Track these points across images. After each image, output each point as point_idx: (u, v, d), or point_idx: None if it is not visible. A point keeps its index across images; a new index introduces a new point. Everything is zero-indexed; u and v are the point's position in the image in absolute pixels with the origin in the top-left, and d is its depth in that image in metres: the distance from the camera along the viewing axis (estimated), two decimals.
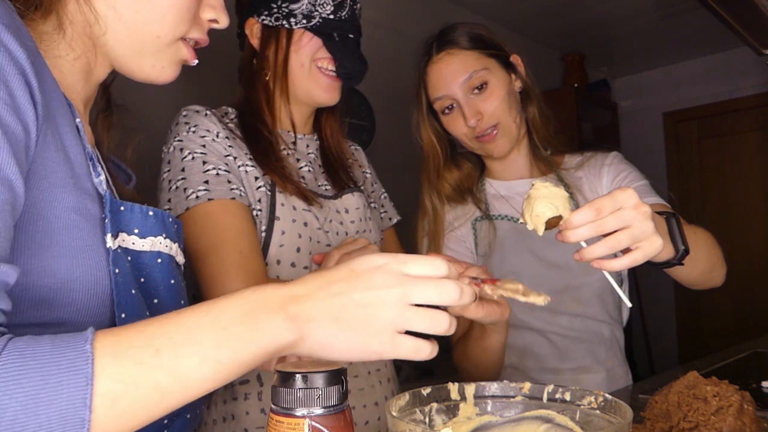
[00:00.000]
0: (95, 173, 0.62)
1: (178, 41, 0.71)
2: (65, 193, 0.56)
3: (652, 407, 0.81)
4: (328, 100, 1.15)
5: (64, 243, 0.55)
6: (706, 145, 4.21)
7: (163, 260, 0.68)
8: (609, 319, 1.35)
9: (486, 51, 1.30)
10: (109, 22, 0.66)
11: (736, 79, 3.97)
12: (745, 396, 0.76)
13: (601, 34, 3.72)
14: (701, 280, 1.13)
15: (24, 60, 0.53)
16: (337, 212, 1.14)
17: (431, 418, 0.70)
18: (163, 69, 0.72)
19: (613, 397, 0.66)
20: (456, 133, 1.32)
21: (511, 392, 0.73)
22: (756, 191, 3.92)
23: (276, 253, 1.05)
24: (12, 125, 0.50)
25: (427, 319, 0.54)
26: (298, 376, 0.50)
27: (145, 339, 0.48)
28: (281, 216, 1.06)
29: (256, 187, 1.06)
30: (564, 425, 0.68)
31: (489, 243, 1.31)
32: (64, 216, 0.56)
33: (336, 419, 0.50)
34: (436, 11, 3.05)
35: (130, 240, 0.64)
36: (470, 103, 1.27)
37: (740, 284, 3.79)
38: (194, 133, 1.05)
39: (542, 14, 3.36)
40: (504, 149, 1.31)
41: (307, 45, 1.11)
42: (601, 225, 0.81)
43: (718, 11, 1.38)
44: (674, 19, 3.49)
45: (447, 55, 1.30)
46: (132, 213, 0.65)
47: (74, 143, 0.60)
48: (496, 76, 1.29)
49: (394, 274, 0.54)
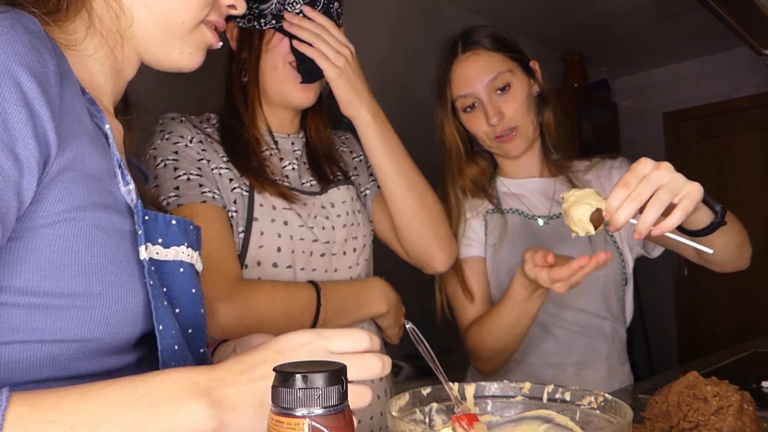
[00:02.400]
0: (124, 182, 0.61)
1: (201, 25, 0.71)
2: (84, 212, 0.56)
3: (652, 407, 0.81)
4: (302, 101, 1.13)
5: (82, 261, 0.55)
6: (706, 145, 4.21)
7: (185, 270, 0.67)
8: (611, 317, 1.36)
9: (510, 54, 1.35)
10: (135, 13, 0.66)
11: (736, 79, 3.97)
12: (745, 396, 0.76)
13: (601, 34, 3.71)
14: (734, 255, 1.17)
15: (34, 90, 0.52)
16: (322, 208, 1.13)
17: (431, 418, 0.70)
18: (190, 55, 0.72)
19: (613, 397, 0.66)
20: (476, 131, 1.36)
21: (511, 392, 0.73)
22: (756, 191, 3.92)
23: (256, 254, 1.04)
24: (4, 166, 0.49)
25: (353, 398, 0.53)
26: (298, 376, 0.49)
27: (61, 414, 0.46)
28: (259, 216, 1.05)
29: (231, 189, 1.06)
30: (564, 425, 0.69)
31: (499, 234, 1.36)
32: (83, 234, 0.55)
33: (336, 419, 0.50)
34: (436, 11, 3.05)
35: (155, 249, 0.63)
36: (493, 103, 1.32)
37: (740, 284, 3.80)
38: (168, 140, 1.07)
39: (542, 14, 3.36)
40: (520, 150, 1.36)
41: (277, 46, 1.09)
42: (637, 195, 0.84)
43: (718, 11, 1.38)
44: (674, 19, 3.49)
45: (473, 55, 1.34)
46: (156, 222, 0.64)
47: (99, 156, 0.59)
48: (518, 79, 1.34)
49: (318, 353, 0.55)
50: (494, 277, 1.34)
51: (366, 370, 0.56)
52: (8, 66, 0.51)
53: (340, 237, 1.12)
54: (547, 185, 1.41)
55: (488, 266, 1.35)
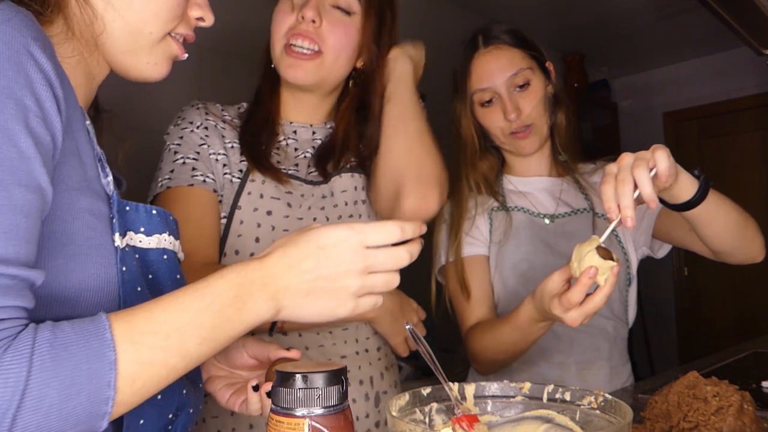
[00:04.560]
0: (103, 174, 0.65)
1: (167, 37, 0.73)
2: (80, 194, 0.60)
3: (652, 407, 0.81)
4: (291, 78, 1.09)
5: (79, 242, 0.59)
6: (706, 145, 4.21)
7: (169, 257, 0.71)
8: (613, 316, 1.36)
9: (530, 52, 1.36)
10: (107, 21, 0.68)
11: (736, 79, 3.97)
12: (745, 396, 0.76)
13: (601, 34, 3.71)
14: (740, 236, 1.13)
15: (51, 72, 0.56)
16: (323, 197, 1.11)
17: (431, 418, 0.70)
18: (156, 65, 0.74)
19: (613, 397, 0.66)
20: (491, 125, 1.36)
21: (511, 392, 0.73)
22: (756, 191, 3.92)
23: (234, 242, 1.05)
24: (42, 136, 0.54)
25: (385, 284, 0.64)
26: (298, 376, 0.50)
27: (155, 325, 0.54)
28: (243, 205, 1.06)
29: (222, 174, 1.07)
30: (564, 425, 0.69)
31: (504, 231, 1.36)
32: (79, 216, 0.59)
33: (336, 419, 0.50)
34: (436, 11, 3.04)
35: (138, 238, 0.67)
36: (512, 99, 1.32)
37: (740, 284, 3.80)
38: (177, 126, 1.10)
39: (542, 14, 3.36)
40: (534, 147, 1.36)
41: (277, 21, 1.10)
42: (622, 179, 0.91)
43: (718, 11, 1.38)
44: (674, 19, 3.49)
45: (495, 50, 1.34)
46: (137, 212, 0.67)
47: (86, 146, 0.64)
48: (537, 77, 1.35)
49: (356, 249, 0.62)
50: (498, 274, 1.34)
51: (397, 263, 0.64)
52: (26, 45, 0.54)
53: None
54: (554, 184, 1.41)
55: (492, 263, 1.35)
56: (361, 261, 0.61)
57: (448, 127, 1.43)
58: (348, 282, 0.61)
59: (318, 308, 0.61)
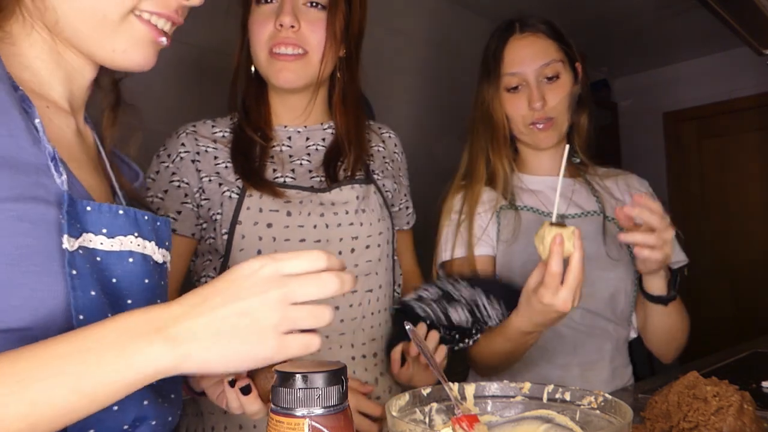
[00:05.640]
0: (57, 174, 0.60)
1: (130, 16, 0.65)
2: (5, 203, 0.55)
3: (652, 407, 0.81)
4: (282, 82, 1.09)
5: (5, 252, 0.54)
6: (706, 145, 4.20)
7: (136, 260, 0.66)
8: (617, 319, 1.36)
9: (563, 47, 1.37)
10: (57, 9, 0.63)
11: (736, 79, 3.96)
12: (745, 396, 0.76)
13: (601, 34, 3.71)
14: (663, 341, 1.39)
15: None
16: (320, 205, 1.11)
17: (431, 418, 0.70)
18: (125, 53, 0.66)
19: (613, 397, 0.66)
20: (514, 113, 1.36)
21: (511, 392, 0.73)
22: (756, 191, 3.91)
23: (236, 257, 1.05)
24: None
25: (311, 317, 0.55)
26: (298, 376, 0.50)
27: (15, 371, 0.47)
28: (243, 220, 1.06)
29: (221, 193, 1.07)
30: (564, 425, 0.68)
31: (513, 230, 1.35)
32: (4, 227, 0.55)
33: (336, 419, 0.50)
34: (436, 10, 3.04)
35: (98, 240, 0.63)
36: (539, 88, 1.33)
37: (740, 284, 3.79)
38: (157, 159, 1.12)
39: (542, 14, 3.36)
40: (551, 142, 1.36)
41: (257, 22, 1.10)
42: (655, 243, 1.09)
43: (718, 11, 1.38)
44: (674, 19, 3.49)
45: (532, 36, 1.36)
46: (100, 212, 0.63)
47: (26, 149, 0.58)
48: (567, 72, 1.36)
49: (272, 277, 0.54)
50: (506, 272, 1.34)
51: (323, 290, 0.55)
52: None
53: (334, 236, 1.10)
54: (565, 184, 1.40)
55: (499, 262, 1.35)
56: (277, 288, 0.53)
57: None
58: (264, 314, 0.53)
59: (232, 350, 0.52)
